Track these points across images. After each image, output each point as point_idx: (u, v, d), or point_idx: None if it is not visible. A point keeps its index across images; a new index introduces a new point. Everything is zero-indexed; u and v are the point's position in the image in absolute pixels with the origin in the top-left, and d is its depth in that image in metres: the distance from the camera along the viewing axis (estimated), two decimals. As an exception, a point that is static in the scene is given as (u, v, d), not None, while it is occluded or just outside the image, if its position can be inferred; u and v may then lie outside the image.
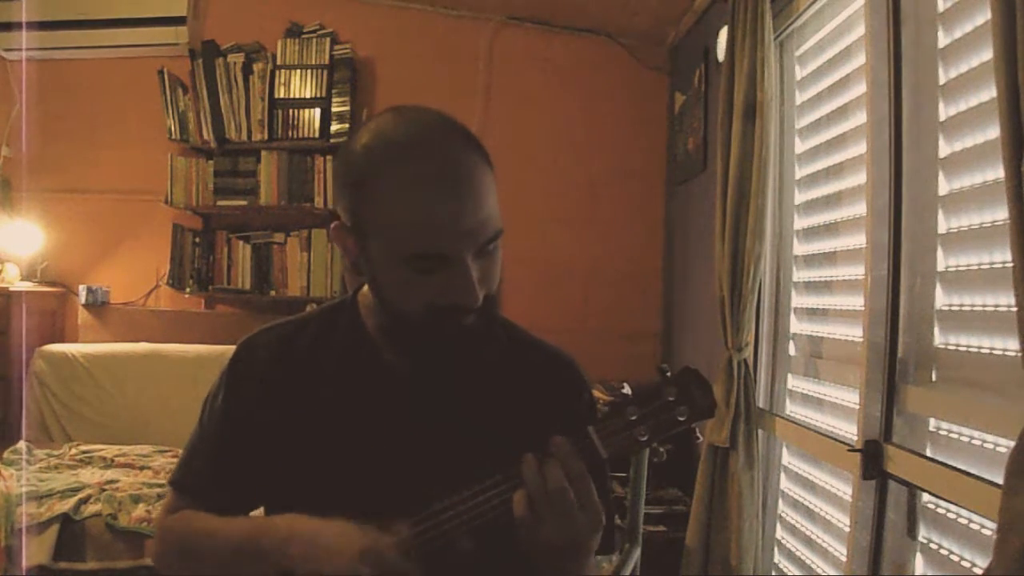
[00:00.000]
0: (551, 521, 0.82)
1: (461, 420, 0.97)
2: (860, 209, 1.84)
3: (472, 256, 0.86)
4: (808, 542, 2.09)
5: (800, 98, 2.29)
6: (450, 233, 0.85)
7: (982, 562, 1.34)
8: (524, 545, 0.84)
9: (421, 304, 0.88)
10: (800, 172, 2.28)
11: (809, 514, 2.09)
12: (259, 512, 1.03)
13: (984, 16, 1.36)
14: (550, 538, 0.82)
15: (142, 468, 2.82)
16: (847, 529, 1.76)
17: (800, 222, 2.27)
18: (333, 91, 3.46)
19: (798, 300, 2.28)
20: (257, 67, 3.46)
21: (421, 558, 0.85)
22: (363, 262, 0.92)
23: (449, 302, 0.87)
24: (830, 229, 2.07)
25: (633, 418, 0.84)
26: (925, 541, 1.54)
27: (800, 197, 2.27)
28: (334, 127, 3.44)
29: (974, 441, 1.40)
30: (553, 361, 1.07)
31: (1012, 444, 1.02)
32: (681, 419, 0.84)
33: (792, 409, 2.28)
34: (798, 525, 2.16)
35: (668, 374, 0.86)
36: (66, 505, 2.43)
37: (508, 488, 0.85)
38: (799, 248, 2.28)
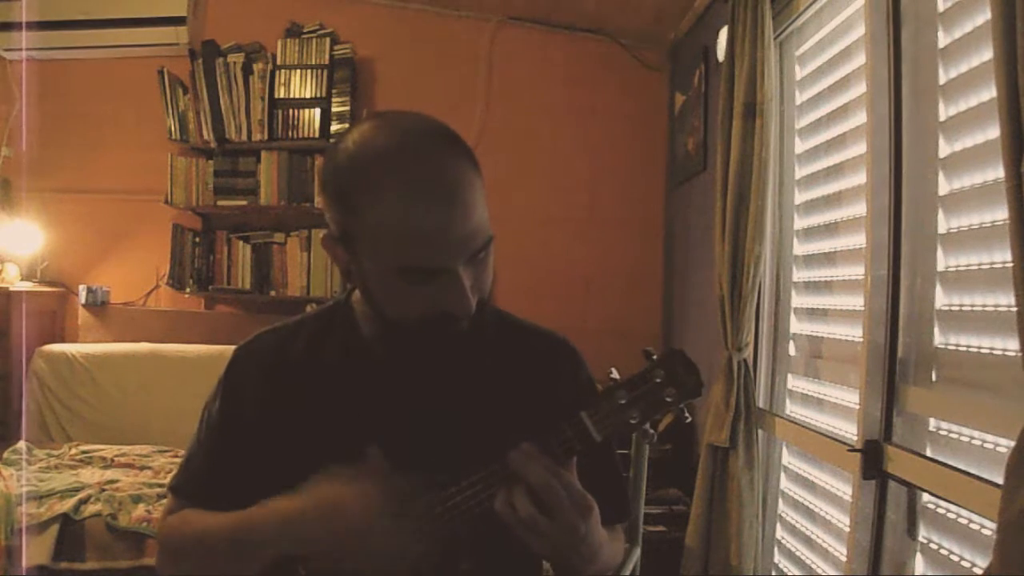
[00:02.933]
0: (532, 537, 0.83)
1: (461, 416, 0.98)
2: (860, 209, 1.84)
3: (463, 264, 0.86)
4: (808, 542, 2.09)
5: (800, 98, 2.29)
6: (440, 246, 0.84)
7: (982, 562, 1.34)
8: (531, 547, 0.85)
9: (414, 314, 0.88)
10: (800, 172, 2.28)
11: (809, 514, 2.09)
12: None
13: (984, 16, 1.36)
14: (539, 546, 0.84)
15: (142, 468, 2.82)
16: (847, 529, 1.76)
17: (800, 222, 2.27)
18: (333, 91, 3.46)
19: (798, 300, 2.28)
20: (257, 67, 3.46)
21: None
22: (354, 271, 0.92)
23: (443, 311, 0.88)
24: (830, 229, 2.07)
25: (623, 401, 0.85)
26: (925, 541, 1.54)
27: (800, 197, 2.27)
28: (334, 127, 3.44)
29: (974, 441, 1.40)
30: (548, 343, 1.08)
31: (1012, 444, 1.02)
32: (669, 400, 0.85)
33: (792, 409, 2.28)
34: (798, 525, 2.16)
35: (654, 357, 0.87)
36: (66, 505, 2.43)
37: (497, 482, 0.86)
38: (799, 248, 2.28)
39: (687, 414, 0.87)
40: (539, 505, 0.82)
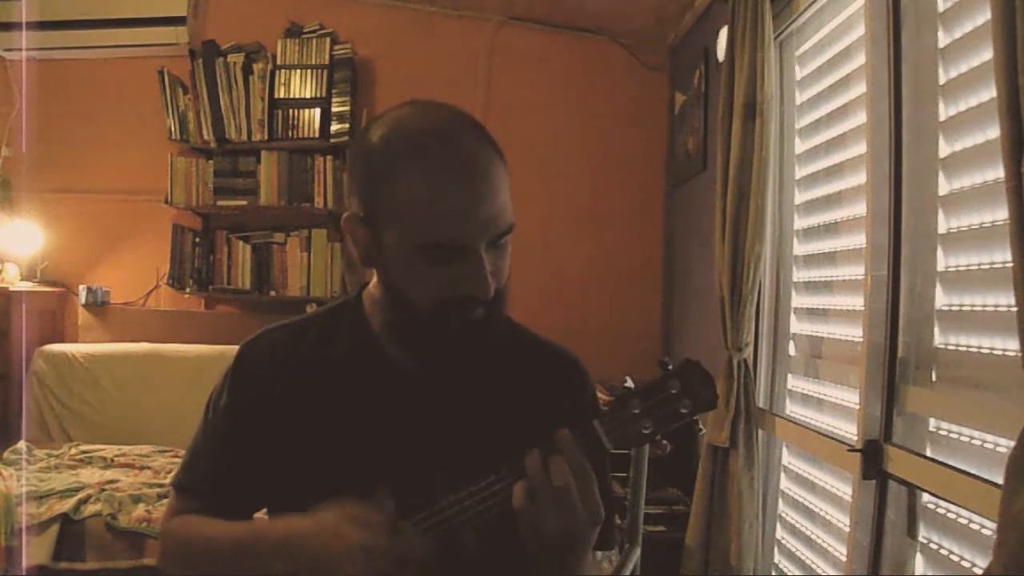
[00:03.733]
0: (552, 514, 0.82)
1: (467, 417, 0.97)
2: (860, 209, 1.84)
3: (485, 248, 0.88)
4: (808, 542, 2.09)
5: (800, 98, 2.29)
6: (467, 222, 0.86)
7: (982, 562, 1.34)
8: (524, 536, 0.85)
9: (433, 295, 0.89)
10: (800, 172, 2.28)
11: (809, 514, 2.09)
12: (262, 514, 1.03)
13: (984, 16, 1.36)
14: (550, 530, 0.83)
15: (142, 468, 2.82)
16: (847, 529, 1.76)
17: (800, 222, 2.27)
18: (333, 91, 3.46)
19: (798, 300, 2.28)
20: (257, 67, 3.46)
21: (422, 546, 0.86)
22: (375, 254, 0.93)
23: (462, 293, 0.88)
24: (830, 229, 2.07)
25: (636, 411, 0.85)
26: (925, 541, 1.54)
27: (800, 197, 2.28)
28: (334, 127, 3.44)
29: (974, 441, 1.40)
30: (557, 358, 1.08)
31: (1012, 444, 1.02)
32: (684, 412, 0.84)
33: (792, 409, 2.28)
34: (798, 525, 2.16)
35: (669, 367, 0.87)
36: (66, 505, 2.43)
37: (509, 484, 0.85)
38: (799, 248, 2.28)
39: (701, 426, 0.87)
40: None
